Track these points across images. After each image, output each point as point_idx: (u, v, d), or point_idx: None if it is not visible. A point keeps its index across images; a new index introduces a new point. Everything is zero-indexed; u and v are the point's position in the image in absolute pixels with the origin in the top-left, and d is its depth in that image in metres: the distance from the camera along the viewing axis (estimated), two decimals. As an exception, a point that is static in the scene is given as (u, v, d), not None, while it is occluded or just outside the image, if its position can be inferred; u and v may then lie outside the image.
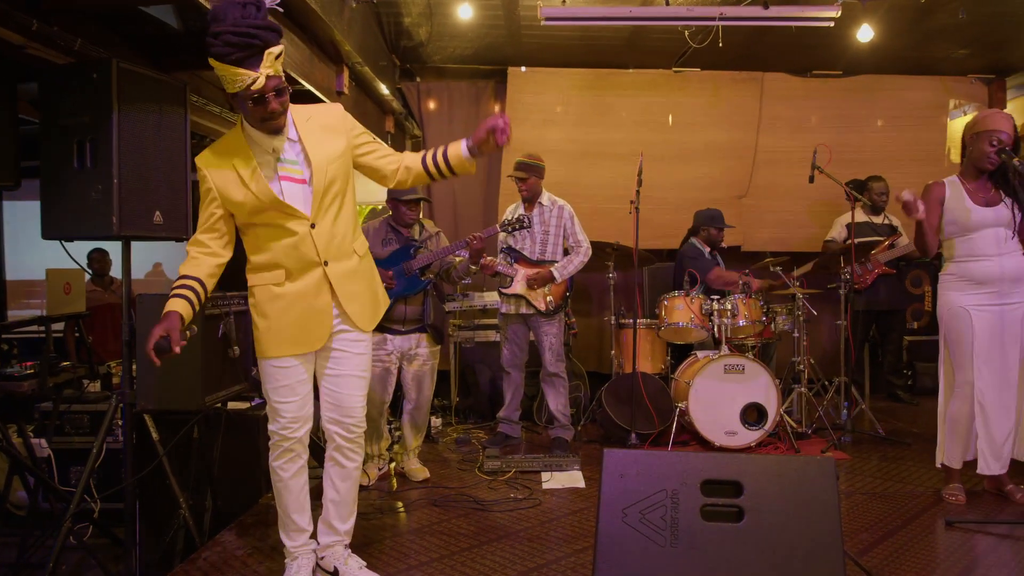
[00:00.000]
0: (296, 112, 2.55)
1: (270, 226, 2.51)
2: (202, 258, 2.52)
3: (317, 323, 2.58)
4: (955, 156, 6.32)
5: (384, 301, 2.83)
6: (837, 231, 5.82)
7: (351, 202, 2.68)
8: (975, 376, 3.37)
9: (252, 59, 2.26)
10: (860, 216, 5.62)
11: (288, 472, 2.67)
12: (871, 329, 5.95)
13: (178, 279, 2.48)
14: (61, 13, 3.11)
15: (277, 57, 2.32)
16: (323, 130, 2.57)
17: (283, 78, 2.38)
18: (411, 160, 2.67)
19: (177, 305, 2.40)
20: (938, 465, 3.61)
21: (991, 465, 3.40)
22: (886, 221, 5.70)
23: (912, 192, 3.35)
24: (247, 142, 2.49)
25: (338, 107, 2.67)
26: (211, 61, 2.30)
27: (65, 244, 3.01)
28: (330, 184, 2.54)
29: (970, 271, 3.43)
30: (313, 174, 2.51)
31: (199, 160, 2.52)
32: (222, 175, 2.48)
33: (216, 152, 2.51)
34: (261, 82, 2.29)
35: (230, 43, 2.24)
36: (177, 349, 2.31)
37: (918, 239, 3.53)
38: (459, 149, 2.60)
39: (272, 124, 2.43)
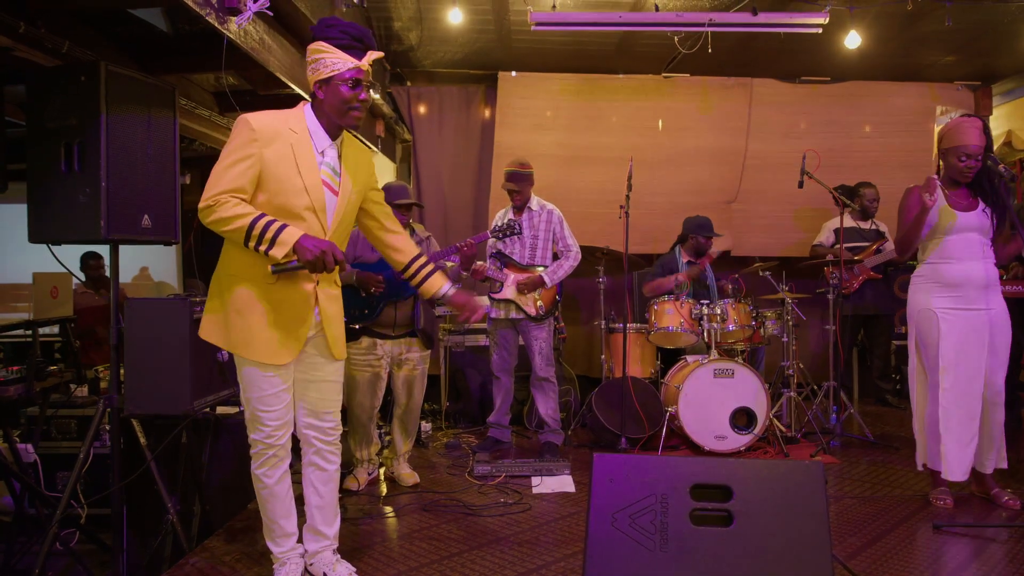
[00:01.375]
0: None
1: (296, 217, 2.47)
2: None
3: (293, 336, 2.54)
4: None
5: None
6: (825, 236, 5.86)
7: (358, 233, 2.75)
8: (941, 379, 3.39)
9: (357, 51, 2.46)
10: (848, 221, 5.67)
11: (273, 478, 2.64)
12: (859, 334, 5.99)
13: (256, 216, 2.37)
14: (49, 15, 3.09)
15: (373, 62, 2.50)
16: (357, 163, 2.66)
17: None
18: (406, 244, 2.80)
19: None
20: (919, 467, 3.64)
21: (953, 471, 3.40)
22: (873, 226, 5.75)
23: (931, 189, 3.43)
24: (308, 130, 2.52)
25: (370, 153, 2.79)
26: (314, 46, 2.46)
27: (53, 248, 2.99)
28: (349, 212, 2.62)
29: (939, 273, 3.46)
30: (340, 194, 2.57)
31: (256, 119, 2.43)
32: (277, 149, 2.44)
33: (275, 123, 2.47)
34: (366, 64, 2.46)
35: (346, 32, 2.45)
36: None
37: (910, 234, 3.49)
38: (439, 286, 2.75)
39: (353, 116, 2.51)
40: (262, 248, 2.37)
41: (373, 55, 2.49)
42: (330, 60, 2.44)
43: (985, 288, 3.44)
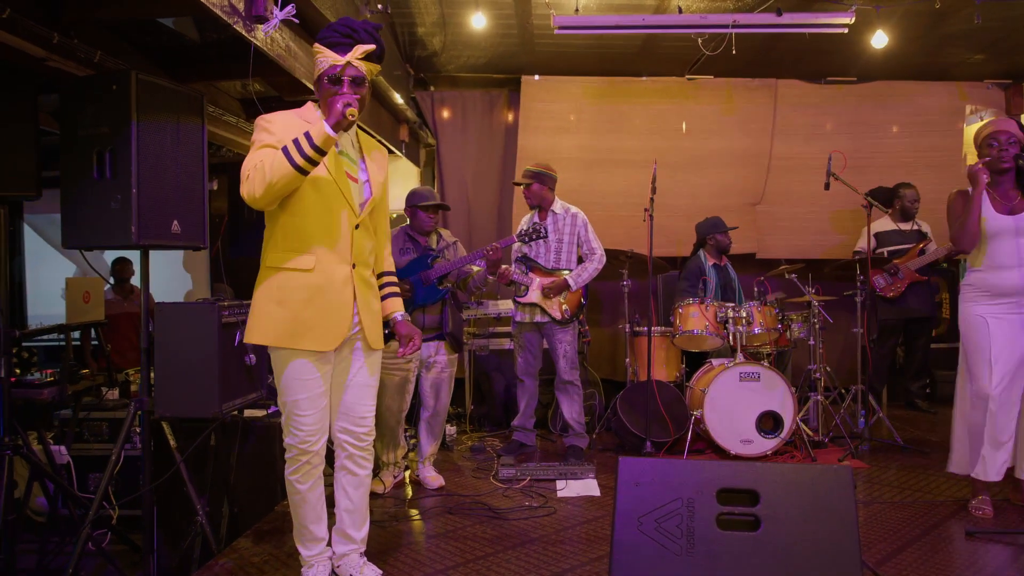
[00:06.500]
0: (359, 131, 2.73)
1: (326, 203, 2.52)
2: None
3: (338, 319, 2.55)
4: (971, 162, 6.28)
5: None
6: (864, 241, 5.77)
7: (375, 233, 2.75)
8: (989, 381, 3.33)
9: (343, 48, 2.49)
10: (889, 223, 5.60)
11: (305, 485, 2.66)
12: (899, 337, 5.88)
13: (283, 146, 2.40)
14: (81, 26, 3.15)
15: (367, 57, 2.50)
16: (375, 159, 2.72)
17: (365, 75, 2.52)
18: (385, 259, 2.84)
19: None
20: (960, 472, 3.57)
21: (988, 472, 3.36)
22: (915, 227, 5.64)
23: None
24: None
25: (385, 153, 2.82)
26: (313, 49, 2.54)
27: (84, 253, 3.05)
28: (377, 202, 2.68)
29: (988, 281, 3.40)
30: (372, 183, 2.65)
31: (269, 117, 2.51)
32: (293, 134, 2.45)
33: (287, 118, 2.53)
34: (349, 59, 2.47)
35: (334, 30, 2.51)
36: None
37: (967, 225, 3.38)
38: (389, 310, 2.80)
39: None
40: (307, 151, 2.36)
41: (360, 48, 2.47)
42: (320, 60, 2.51)
43: None
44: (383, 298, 2.79)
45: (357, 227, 2.59)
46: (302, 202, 2.52)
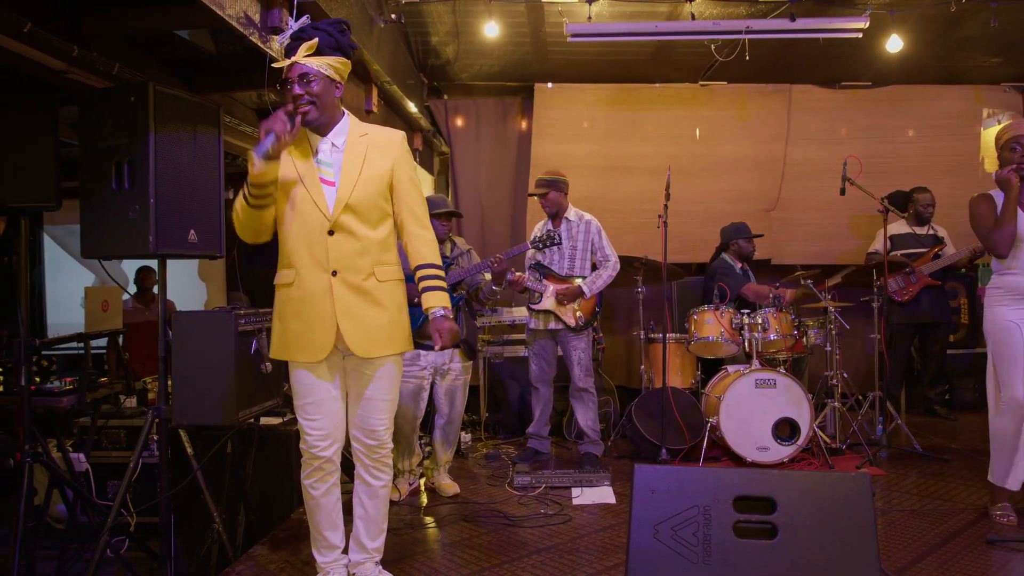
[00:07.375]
0: (355, 126, 2.64)
1: (297, 214, 2.54)
2: None
3: (320, 330, 2.54)
4: (989, 166, 6.23)
5: (403, 338, 2.70)
6: (879, 242, 5.74)
7: (388, 227, 2.67)
8: (1023, 389, 3.28)
9: (293, 52, 2.51)
10: (904, 227, 5.57)
11: (319, 490, 2.68)
12: (913, 342, 5.84)
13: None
14: (100, 39, 3.20)
15: (314, 53, 2.48)
16: (372, 148, 2.61)
17: (314, 69, 2.48)
18: (416, 251, 2.70)
19: None
20: (991, 480, 3.51)
21: (1010, 480, 3.32)
22: (931, 232, 5.60)
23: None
24: (306, 132, 2.61)
25: (400, 134, 2.71)
26: None
27: (103, 263, 3.08)
28: (360, 199, 2.55)
29: (1015, 284, 3.35)
30: (341, 182, 2.55)
31: None
32: (282, 155, 2.55)
33: None
34: (285, 64, 2.50)
35: (292, 38, 2.52)
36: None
37: (1004, 230, 3.32)
38: (426, 304, 2.66)
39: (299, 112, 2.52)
40: (249, 182, 2.48)
41: (306, 44, 2.46)
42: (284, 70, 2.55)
43: None
44: (420, 292, 2.67)
45: (331, 233, 2.53)
46: (283, 219, 2.59)
